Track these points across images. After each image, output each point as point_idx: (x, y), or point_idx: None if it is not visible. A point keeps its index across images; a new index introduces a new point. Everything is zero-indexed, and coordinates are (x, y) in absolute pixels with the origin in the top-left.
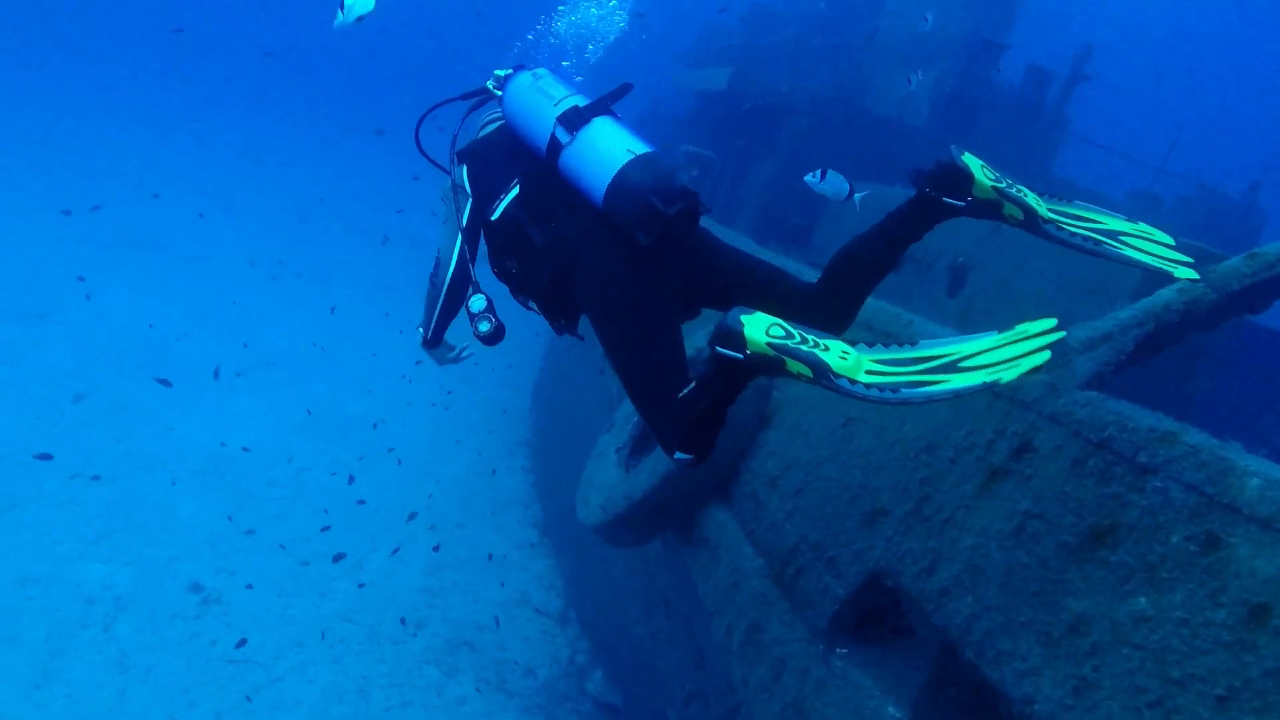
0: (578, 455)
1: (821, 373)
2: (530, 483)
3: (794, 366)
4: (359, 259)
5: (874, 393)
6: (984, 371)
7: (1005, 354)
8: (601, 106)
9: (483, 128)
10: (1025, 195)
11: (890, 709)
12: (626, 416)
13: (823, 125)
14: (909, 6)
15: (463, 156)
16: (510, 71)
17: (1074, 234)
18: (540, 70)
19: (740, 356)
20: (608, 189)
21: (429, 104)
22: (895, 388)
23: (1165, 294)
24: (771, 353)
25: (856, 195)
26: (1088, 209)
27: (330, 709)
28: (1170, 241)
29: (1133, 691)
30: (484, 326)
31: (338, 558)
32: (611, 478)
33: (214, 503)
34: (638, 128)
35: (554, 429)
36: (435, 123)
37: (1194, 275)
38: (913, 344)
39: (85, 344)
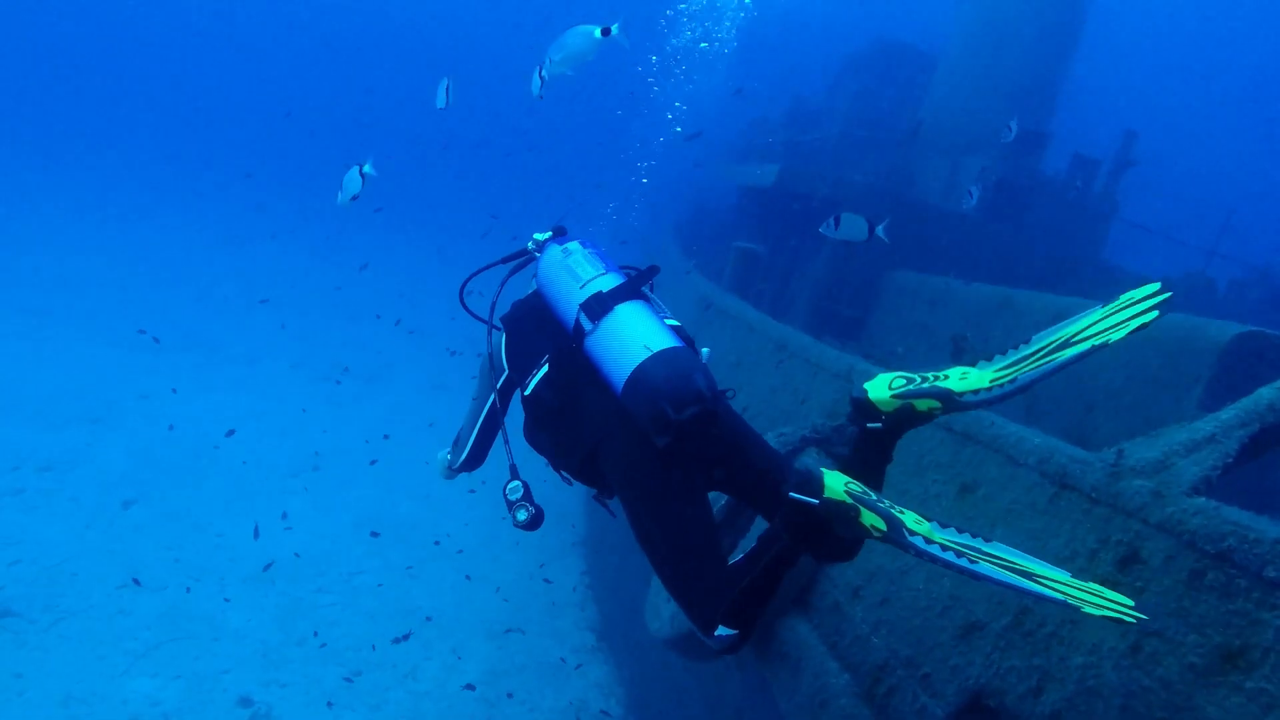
0: (636, 554)
1: (896, 528)
2: (586, 584)
3: (868, 518)
4: (413, 363)
5: (949, 556)
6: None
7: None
8: (628, 291)
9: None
10: (939, 381)
11: None
12: None
13: (871, 216)
14: (954, 97)
15: (505, 322)
16: (548, 235)
17: (1015, 380)
18: (571, 246)
19: (815, 502)
20: (624, 386)
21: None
22: (973, 559)
23: (1267, 393)
24: (849, 500)
25: (879, 229)
26: (1051, 333)
27: None
28: (1152, 288)
29: None
30: (521, 516)
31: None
32: None
33: (265, 610)
34: (664, 313)
35: (610, 526)
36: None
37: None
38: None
39: (137, 449)
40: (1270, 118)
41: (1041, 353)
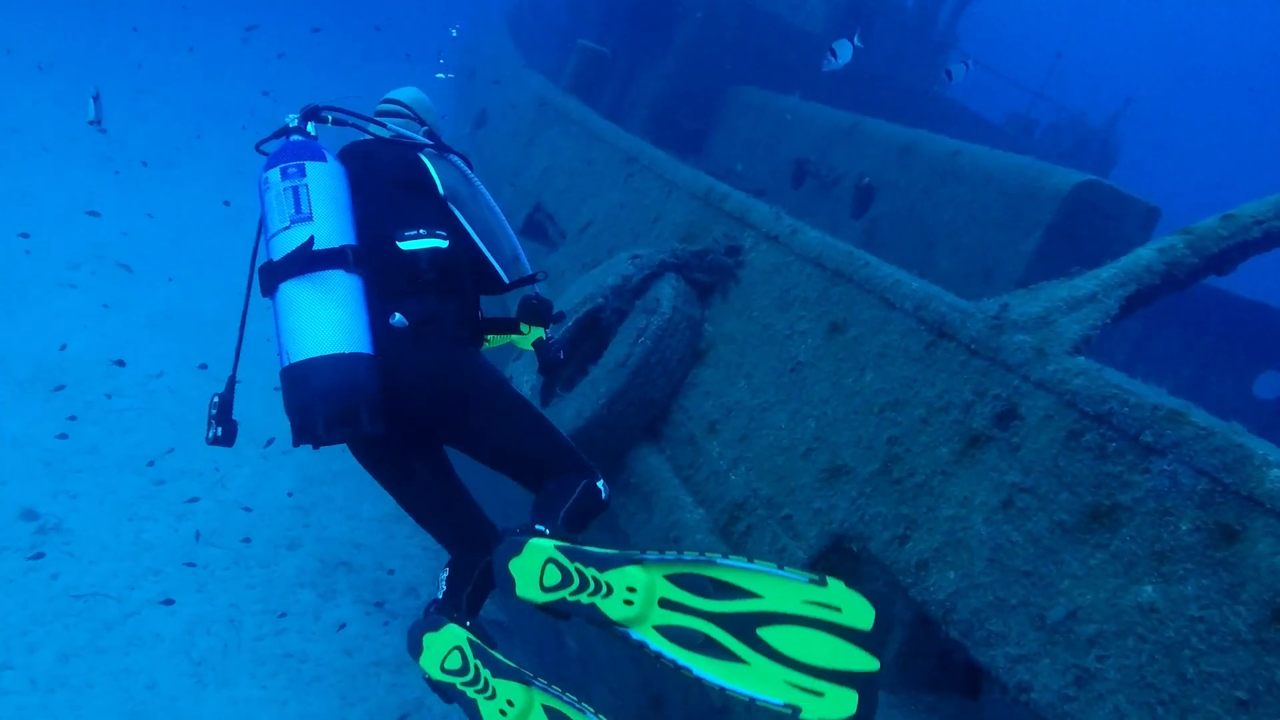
0: None
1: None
2: None
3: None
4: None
5: (666, 656)
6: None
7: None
8: (299, 264)
9: None
10: (597, 597)
11: None
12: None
13: (718, 26)
14: None
15: None
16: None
17: (661, 655)
18: (272, 175)
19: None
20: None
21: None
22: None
23: (1146, 254)
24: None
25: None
26: (744, 577)
27: (196, 642)
28: (865, 622)
29: (1142, 686)
30: (212, 433)
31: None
32: None
33: (47, 417)
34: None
35: None
36: None
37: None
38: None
39: None
40: None
41: (724, 621)
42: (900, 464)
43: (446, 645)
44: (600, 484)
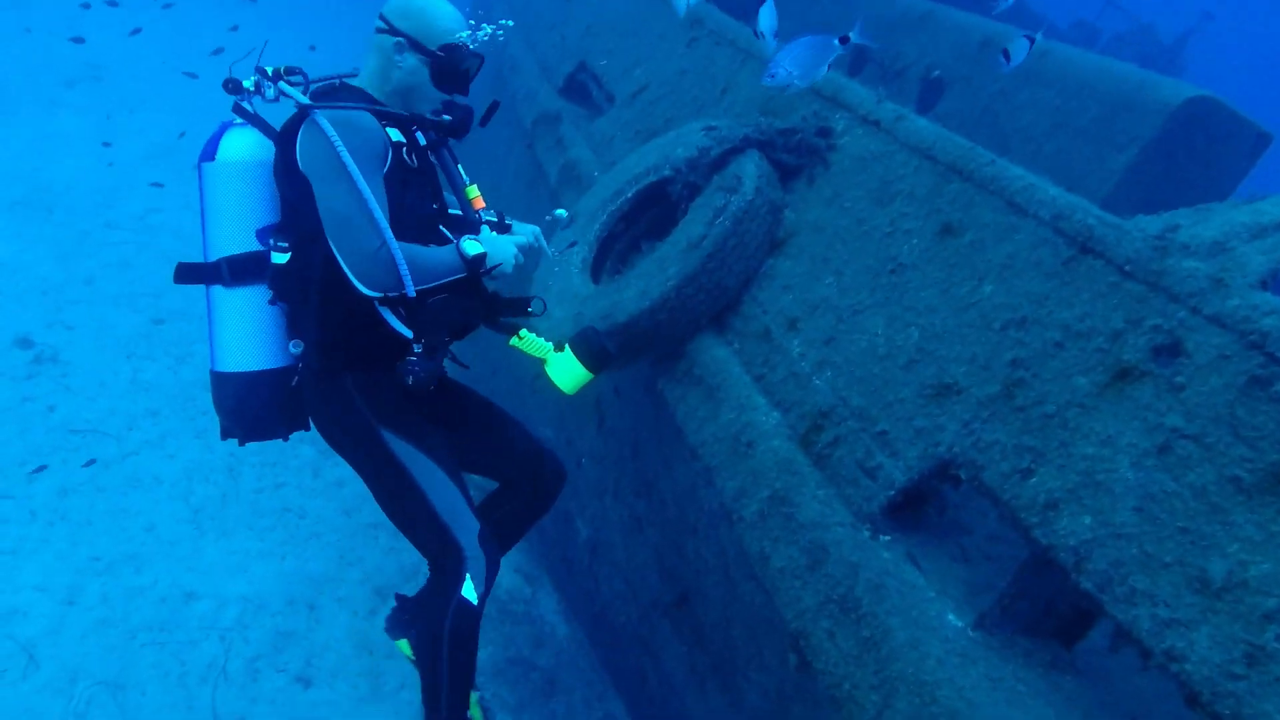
0: None
1: None
2: None
3: None
4: None
5: None
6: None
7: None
8: (223, 273)
9: None
10: None
11: (950, 615)
12: (590, 215)
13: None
14: None
15: None
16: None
17: None
18: (229, 157)
19: None
20: None
21: None
22: None
23: None
24: None
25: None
26: None
27: (195, 488)
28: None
29: None
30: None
31: None
32: (577, 287)
33: (42, 242)
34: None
35: None
36: None
37: None
38: None
39: None
40: None
41: None
42: (1026, 390)
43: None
44: (466, 589)
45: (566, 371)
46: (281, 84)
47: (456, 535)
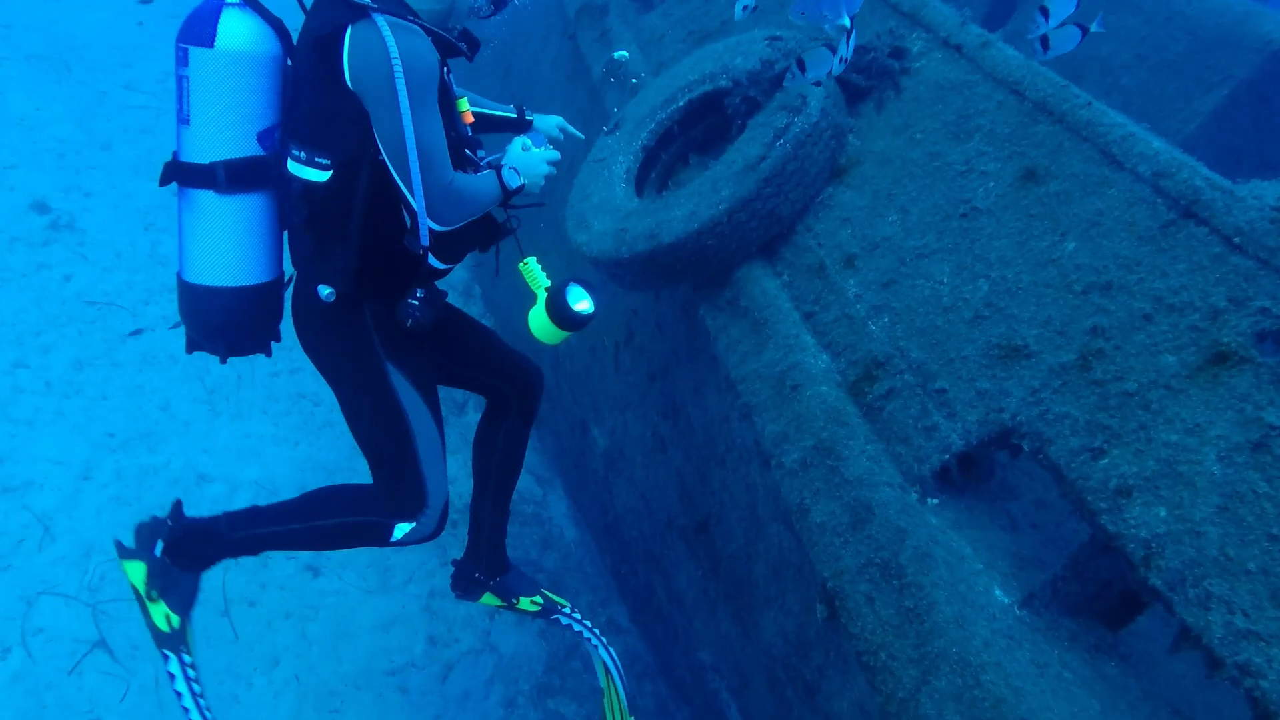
0: None
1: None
2: None
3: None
4: None
5: None
6: None
7: None
8: (191, 174)
9: None
10: None
11: (997, 591)
12: (637, 123)
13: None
14: None
15: None
16: None
17: None
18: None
19: None
20: None
21: None
22: None
23: None
24: None
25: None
26: None
27: (209, 368)
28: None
29: None
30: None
31: None
32: (619, 199)
33: (57, 101)
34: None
35: None
36: None
37: None
38: None
39: None
40: None
41: None
42: (1105, 362)
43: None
44: (399, 531)
45: (543, 324)
46: None
47: (427, 486)
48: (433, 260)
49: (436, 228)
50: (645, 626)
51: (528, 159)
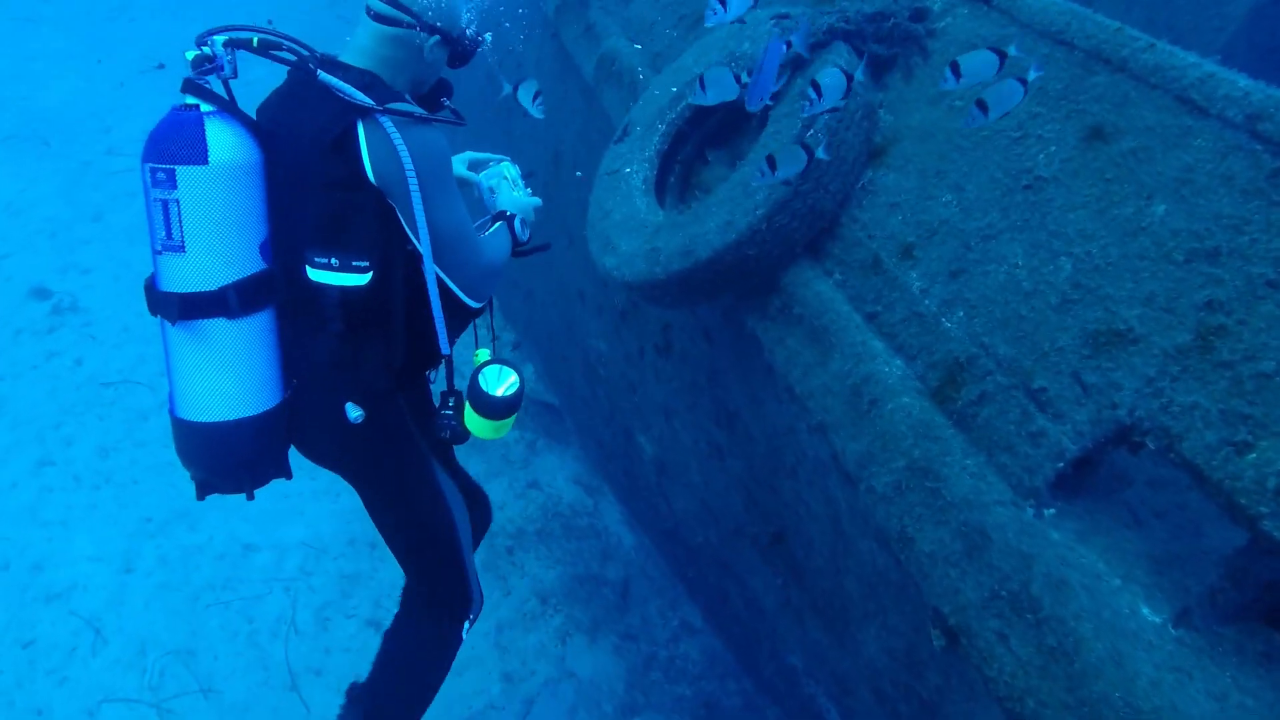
0: None
1: None
2: None
3: None
4: None
5: None
6: None
7: None
8: (161, 310)
9: None
10: None
11: (1144, 609)
12: (648, 126)
13: None
14: None
15: None
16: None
17: None
18: (144, 172)
19: None
20: None
21: None
22: None
23: None
24: None
25: None
26: None
27: None
28: None
29: None
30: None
31: None
32: (643, 213)
33: (41, 178)
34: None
35: None
36: None
37: None
38: None
39: None
40: None
41: None
42: (1230, 340)
43: None
44: (467, 630)
45: (477, 422)
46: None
47: (469, 577)
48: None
49: (475, 305)
50: (722, 628)
51: (523, 202)
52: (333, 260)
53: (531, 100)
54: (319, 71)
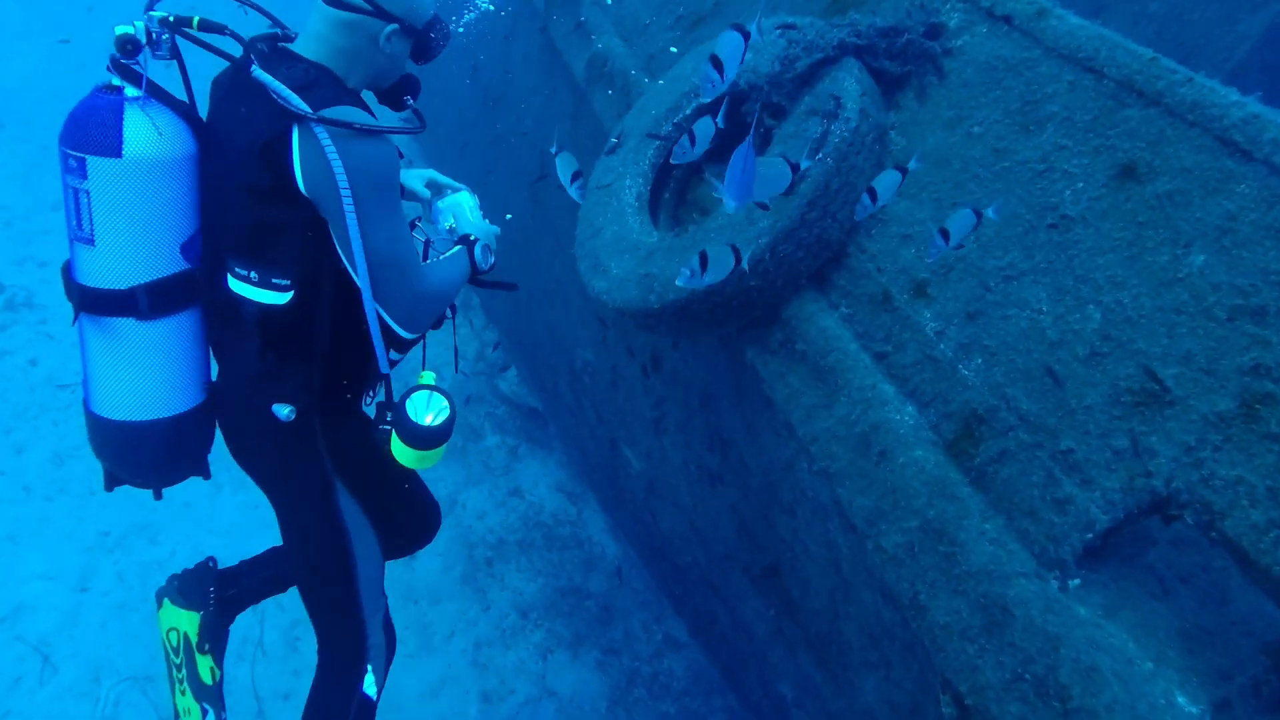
0: None
1: None
2: None
3: None
4: None
5: None
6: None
7: None
8: (74, 299)
9: None
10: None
11: (1179, 698)
12: (641, 138)
13: None
14: None
15: None
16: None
17: None
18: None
19: None
20: None
21: None
22: None
23: None
24: None
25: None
26: None
27: None
28: None
29: None
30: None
31: None
32: (635, 233)
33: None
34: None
35: None
36: None
37: None
38: None
39: None
40: None
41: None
42: (1275, 408)
43: (174, 622)
44: (367, 685)
45: (404, 452)
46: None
47: (365, 620)
48: (392, 354)
49: (407, 336)
50: (708, 645)
51: (487, 229)
52: (252, 274)
53: (570, 180)
54: (254, 68)
